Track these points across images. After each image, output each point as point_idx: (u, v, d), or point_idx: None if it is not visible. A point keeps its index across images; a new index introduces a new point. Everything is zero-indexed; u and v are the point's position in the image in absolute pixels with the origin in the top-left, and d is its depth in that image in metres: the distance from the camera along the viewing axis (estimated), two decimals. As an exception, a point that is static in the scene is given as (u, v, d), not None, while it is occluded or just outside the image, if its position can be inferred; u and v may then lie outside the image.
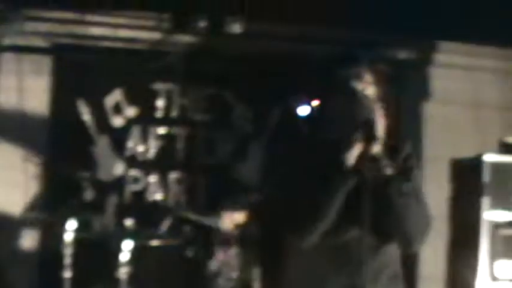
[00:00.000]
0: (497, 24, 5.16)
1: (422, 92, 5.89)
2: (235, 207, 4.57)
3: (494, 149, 5.01)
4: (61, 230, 4.53)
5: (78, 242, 4.48)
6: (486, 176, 4.78)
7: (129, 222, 4.62)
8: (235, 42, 5.40)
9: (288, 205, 2.30)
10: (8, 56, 5.25)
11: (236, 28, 5.36)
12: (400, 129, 5.52)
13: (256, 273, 4.63)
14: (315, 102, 5.57)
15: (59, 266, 4.54)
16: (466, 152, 5.03)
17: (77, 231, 4.49)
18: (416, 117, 5.80)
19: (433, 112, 5.87)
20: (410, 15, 5.22)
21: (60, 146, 5.26)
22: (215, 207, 4.73)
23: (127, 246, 4.36)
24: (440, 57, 5.86)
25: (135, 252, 4.42)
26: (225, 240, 4.58)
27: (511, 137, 5.16)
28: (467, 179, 5.04)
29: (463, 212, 5.01)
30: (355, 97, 2.23)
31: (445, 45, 5.81)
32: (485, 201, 4.76)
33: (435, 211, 2.47)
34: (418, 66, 5.89)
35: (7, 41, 5.15)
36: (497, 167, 4.81)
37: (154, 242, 4.70)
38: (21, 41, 5.21)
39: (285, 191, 2.33)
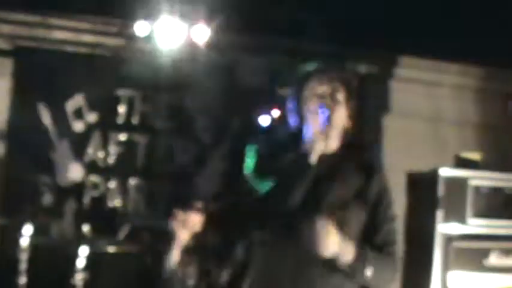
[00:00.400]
0: (457, 40, 5.26)
1: (382, 105, 5.97)
2: (192, 214, 4.57)
3: (450, 163, 5.10)
4: (17, 234, 4.49)
5: (34, 247, 4.44)
6: (441, 190, 4.86)
7: (87, 228, 4.59)
8: (198, 52, 5.43)
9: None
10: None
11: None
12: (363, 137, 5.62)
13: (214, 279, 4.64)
14: (276, 112, 5.64)
15: (14, 271, 4.49)
16: (422, 165, 5.11)
17: (34, 236, 4.45)
18: (375, 129, 5.88)
19: (391, 125, 5.95)
20: (371, 30, 5.28)
21: (20, 149, 5.21)
22: (173, 214, 4.72)
23: (84, 252, 4.34)
24: (400, 71, 5.95)
25: (92, 259, 4.40)
26: (182, 247, 4.58)
27: (467, 152, 5.26)
28: (422, 191, 5.13)
29: (417, 223, 5.10)
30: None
31: (405, 59, 5.90)
32: (440, 214, 4.84)
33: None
34: (379, 79, 5.97)
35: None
36: (452, 181, 4.91)
37: (112, 249, 4.68)
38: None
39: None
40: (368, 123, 5.76)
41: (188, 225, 4.50)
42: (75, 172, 5.38)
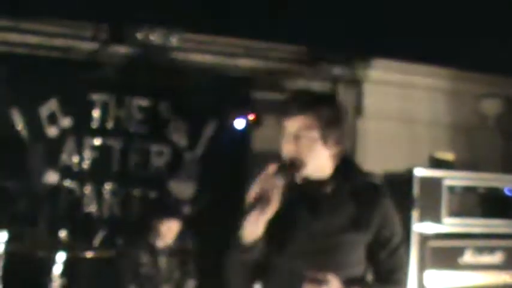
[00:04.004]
0: (429, 42, 5.31)
1: (355, 107, 6.02)
2: (168, 218, 4.56)
3: (424, 164, 5.16)
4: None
5: (9, 253, 4.39)
6: (416, 190, 4.91)
7: (63, 233, 4.55)
8: (171, 55, 5.43)
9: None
10: None
11: (172, 41, 5.40)
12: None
13: (191, 285, 4.64)
14: (251, 116, 5.65)
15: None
16: (397, 166, 5.16)
17: (9, 243, 4.40)
18: (349, 131, 5.92)
19: (365, 127, 6.00)
20: (345, 33, 5.32)
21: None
22: (149, 219, 4.71)
23: (60, 258, 4.30)
24: (373, 73, 6.00)
25: (68, 264, 4.37)
26: (159, 251, 4.57)
27: (440, 152, 5.32)
28: (398, 192, 5.16)
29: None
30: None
31: (377, 62, 5.95)
32: (415, 213, 4.89)
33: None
34: (352, 82, 6.01)
35: None
36: (426, 180, 4.96)
37: (88, 254, 4.64)
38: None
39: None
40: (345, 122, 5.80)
41: (167, 232, 4.50)
42: (49, 177, 5.33)
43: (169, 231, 4.57)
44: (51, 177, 5.34)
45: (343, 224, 2.33)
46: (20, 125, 5.27)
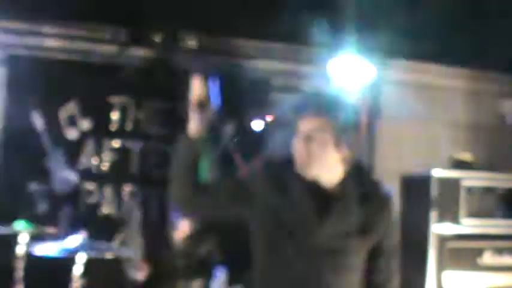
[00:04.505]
0: (448, 43, 5.30)
1: (374, 108, 6.00)
2: (187, 219, 4.59)
3: (443, 164, 5.14)
4: (13, 243, 4.49)
5: (30, 255, 4.44)
6: (434, 191, 4.90)
7: (82, 235, 4.59)
8: (190, 57, 5.45)
9: None
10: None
11: (191, 43, 5.42)
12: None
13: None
14: (269, 118, 5.65)
15: (11, 279, 4.49)
16: (415, 166, 5.15)
17: (29, 244, 4.45)
18: (367, 132, 5.91)
19: (384, 128, 5.98)
20: (363, 33, 5.31)
21: (14, 157, 5.21)
22: (168, 220, 4.74)
23: (80, 259, 4.34)
24: (392, 74, 5.98)
25: (88, 266, 4.40)
26: (177, 252, 4.60)
27: (459, 152, 5.30)
28: (416, 193, 5.17)
29: (412, 225, 5.13)
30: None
31: (396, 63, 5.94)
32: (433, 214, 4.88)
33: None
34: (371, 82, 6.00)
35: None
36: (445, 181, 4.95)
37: (108, 255, 4.67)
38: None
39: None
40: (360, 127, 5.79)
41: (183, 233, 4.54)
42: (69, 179, 5.38)
43: (184, 231, 4.61)
44: (71, 179, 5.39)
45: (351, 228, 2.34)
46: (40, 127, 5.33)
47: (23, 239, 4.45)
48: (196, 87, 2.42)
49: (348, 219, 2.34)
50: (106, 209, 5.46)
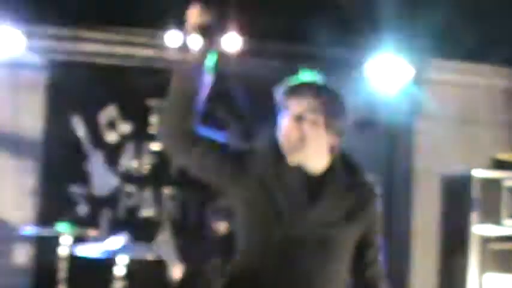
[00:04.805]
0: (488, 42, 5.24)
1: (414, 108, 5.96)
2: (221, 218, 4.63)
3: (484, 165, 5.08)
4: (55, 244, 4.56)
5: (72, 256, 4.50)
6: (475, 192, 4.84)
7: (123, 236, 4.64)
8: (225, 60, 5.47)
9: None
10: (4, 72, 5.30)
11: (232, 46, 5.43)
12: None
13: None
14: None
15: (53, 280, 4.56)
16: (456, 167, 5.10)
17: (72, 245, 4.51)
18: (408, 132, 5.87)
19: (424, 128, 5.93)
20: (402, 33, 5.28)
21: (55, 161, 5.29)
22: (207, 221, 4.77)
23: (121, 260, 4.39)
24: (432, 74, 5.92)
25: (129, 267, 4.45)
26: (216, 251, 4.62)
27: (501, 153, 5.23)
28: (457, 193, 5.11)
29: (453, 226, 5.07)
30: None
31: (435, 62, 5.88)
32: (475, 215, 4.82)
33: (426, 225, 2.53)
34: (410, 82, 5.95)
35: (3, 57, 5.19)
36: (486, 182, 4.89)
37: (148, 257, 4.72)
38: (17, 57, 5.25)
39: None
40: (400, 127, 5.76)
41: (220, 231, 4.57)
42: (109, 182, 5.45)
43: (221, 229, 4.64)
44: (111, 181, 5.45)
45: (338, 217, 2.30)
46: (80, 131, 5.41)
47: (66, 240, 4.52)
48: (194, 14, 2.34)
49: (339, 208, 2.32)
50: (146, 211, 5.50)
